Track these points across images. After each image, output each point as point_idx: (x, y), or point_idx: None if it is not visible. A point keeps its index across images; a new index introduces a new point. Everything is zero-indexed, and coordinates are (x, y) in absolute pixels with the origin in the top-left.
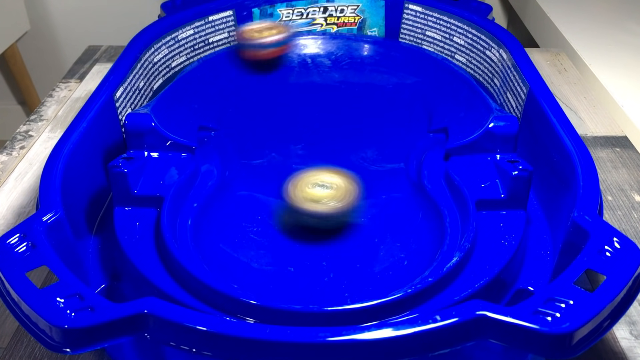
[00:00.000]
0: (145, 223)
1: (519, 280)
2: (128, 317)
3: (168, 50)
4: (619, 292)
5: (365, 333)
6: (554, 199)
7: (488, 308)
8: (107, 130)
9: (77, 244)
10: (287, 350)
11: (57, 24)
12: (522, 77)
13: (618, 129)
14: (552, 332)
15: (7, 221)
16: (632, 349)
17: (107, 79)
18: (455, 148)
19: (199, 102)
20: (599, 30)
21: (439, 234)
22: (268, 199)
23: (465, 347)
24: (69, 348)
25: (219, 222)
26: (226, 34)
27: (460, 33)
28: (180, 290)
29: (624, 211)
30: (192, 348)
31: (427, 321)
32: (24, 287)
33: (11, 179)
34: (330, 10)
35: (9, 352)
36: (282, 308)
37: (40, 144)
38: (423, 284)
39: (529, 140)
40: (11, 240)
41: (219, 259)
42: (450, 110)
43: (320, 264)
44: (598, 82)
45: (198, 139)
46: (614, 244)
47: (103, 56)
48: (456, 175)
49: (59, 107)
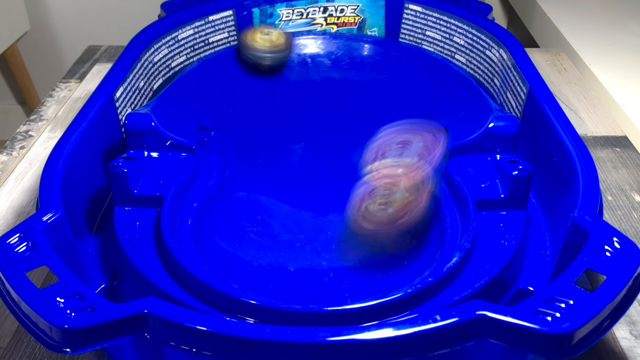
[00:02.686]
0: (145, 223)
1: (519, 280)
2: (128, 317)
3: (168, 50)
4: (619, 292)
5: (365, 333)
6: (554, 199)
7: (488, 308)
8: (107, 130)
9: (77, 244)
10: (287, 350)
11: (57, 24)
12: (522, 77)
13: (618, 129)
14: (552, 332)
15: (7, 221)
16: (632, 349)
17: (107, 79)
18: (455, 148)
19: (199, 102)
20: (599, 30)
21: (439, 234)
22: (268, 198)
23: (465, 347)
24: (69, 348)
25: (219, 222)
26: (226, 34)
27: (460, 33)
28: (180, 290)
29: (624, 211)
30: (192, 348)
31: (427, 321)
32: (24, 287)
33: (11, 179)
34: (330, 10)
35: (9, 352)
36: (282, 308)
37: (40, 144)
38: (423, 284)
39: (529, 140)
40: (11, 240)
41: (219, 259)
42: (450, 110)
43: (320, 264)
44: (598, 82)
45: (198, 139)
46: (614, 244)
47: (103, 56)
48: (456, 175)
49: (59, 107)
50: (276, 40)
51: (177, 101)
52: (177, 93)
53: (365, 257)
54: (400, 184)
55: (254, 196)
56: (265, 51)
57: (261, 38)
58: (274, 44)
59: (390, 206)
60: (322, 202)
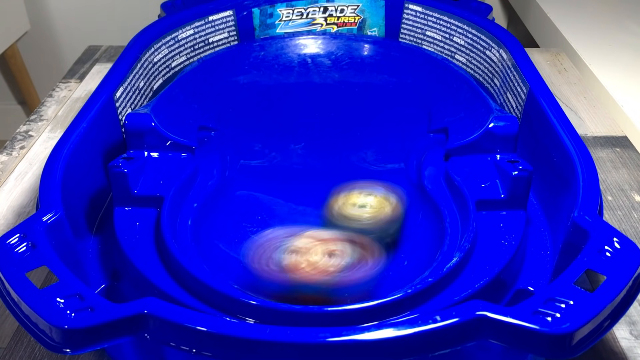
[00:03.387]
0: (145, 223)
1: (519, 280)
2: (128, 318)
3: (168, 50)
4: (619, 292)
5: (365, 333)
6: (554, 199)
7: (488, 308)
8: (107, 130)
9: (77, 244)
10: (287, 350)
11: (57, 24)
12: (522, 77)
13: (618, 129)
14: (552, 332)
15: (7, 221)
16: (632, 349)
17: (107, 79)
18: (455, 148)
19: (199, 102)
20: (599, 30)
21: (439, 234)
22: (268, 198)
23: (465, 347)
24: (69, 348)
25: (219, 222)
26: (226, 34)
27: (460, 33)
28: (180, 290)
29: (624, 211)
30: (192, 348)
31: (427, 321)
32: (24, 287)
33: (11, 179)
34: (330, 10)
35: (9, 352)
36: (282, 308)
37: (40, 144)
38: (423, 284)
39: (529, 140)
40: (11, 240)
41: (219, 259)
42: (450, 110)
43: None
44: (598, 82)
45: (198, 139)
46: (614, 244)
47: (103, 56)
48: (456, 176)
49: (59, 107)
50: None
51: (177, 101)
52: (177, 93)
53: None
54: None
55: (254, 196)
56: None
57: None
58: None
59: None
60: (322, 202)
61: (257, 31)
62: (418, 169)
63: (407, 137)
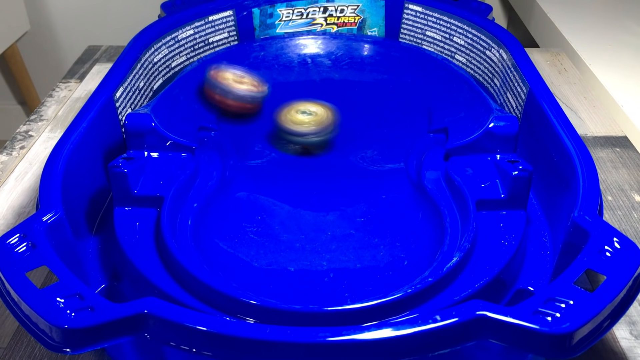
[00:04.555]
0: (145, 223)
1: (519, 280)
2: (128, 317)
3: (168, 50)
4: (619, 292)
5: (365, 333)
6: (554, 199)
7: (488, 308)
8: (107, 130)
9: (77, 244)
10: (287, 350)
11: (57, 24)
12: (522, 77)
13: (618, 129)
14: (552, 332)
15: (7, 221)
16: (632, 349)
17: (107, 79)
18: (455, 148)
19: (199, 102)
20: (599, 30)
21: (439, 234)
22: (268, 198)
23: (465, 347)
24: (69, 348)
25: (219, 222)
26: (226, 34)
27: (460, 33)
28: (180, 290)
29: (624, 211)
30: (192, 348)
31: (427, 321)
32: (24, 287)
33: (11, 179)
34: (330, 10)
35: (9, 352)
36: (282, 308)
37: (40, 144)
38: (423, 284)
39: (529, 140)
40: (11, 240)
41: (219, 259)
42: (450, 110)
43: (320, 264)
44: (598, 82)
45: (198, 139)
46: (614, 244)
47: (103, 56)
48: (456, 175)
49: (59, 107)
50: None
51: (177, 101)
52: (177, 93)
53: (365, 257)
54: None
55: (254, 196)
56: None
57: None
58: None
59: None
60: (322, 202)
61: (257, 31)
62: (418, 169)
63: (407, 137)
